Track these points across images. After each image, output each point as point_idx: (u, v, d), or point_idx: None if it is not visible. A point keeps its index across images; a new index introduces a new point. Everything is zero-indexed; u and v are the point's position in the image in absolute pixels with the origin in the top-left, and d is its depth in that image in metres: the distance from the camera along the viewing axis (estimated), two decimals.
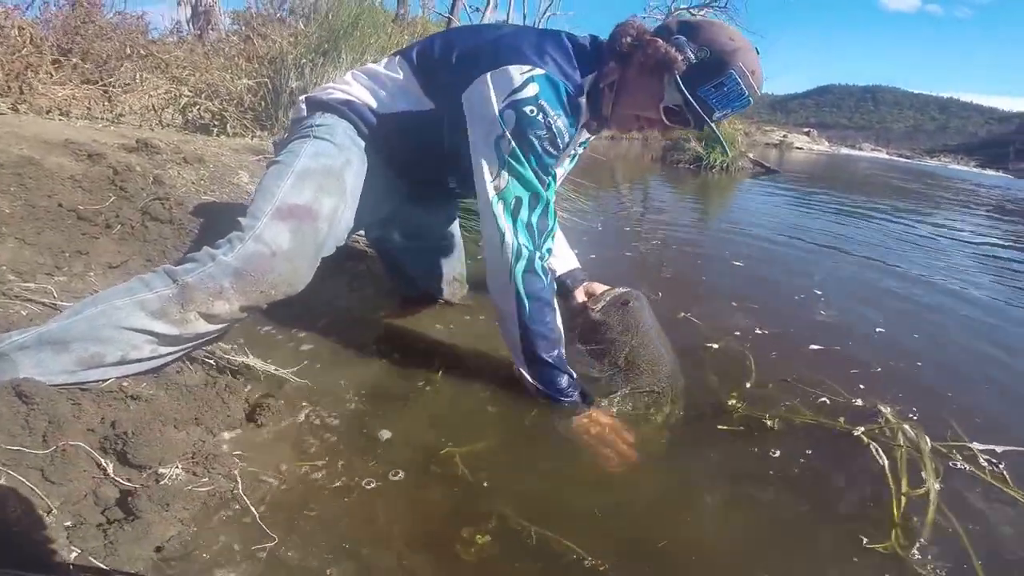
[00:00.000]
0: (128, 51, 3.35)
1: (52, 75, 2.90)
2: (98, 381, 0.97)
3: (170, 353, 1.05)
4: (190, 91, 2.94)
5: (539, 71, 1.12)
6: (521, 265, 1.17)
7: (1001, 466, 1.17)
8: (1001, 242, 4.25)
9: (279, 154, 1.24)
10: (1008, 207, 7.56)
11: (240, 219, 1.10)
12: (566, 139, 1.18)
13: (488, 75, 1.13)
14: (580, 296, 1.47)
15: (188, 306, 1.00)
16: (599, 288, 1.46)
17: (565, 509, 0.97)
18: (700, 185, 6.06)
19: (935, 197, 7.77)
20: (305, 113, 1.30)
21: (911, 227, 4.41)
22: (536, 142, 1.13)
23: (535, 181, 1.16)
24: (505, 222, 1.16)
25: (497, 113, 1.12)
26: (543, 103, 1.11)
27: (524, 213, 1.17)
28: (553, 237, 1.27)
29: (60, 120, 2.49)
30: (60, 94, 2.84)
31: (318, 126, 1.25)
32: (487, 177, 1.15)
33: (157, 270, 1.04)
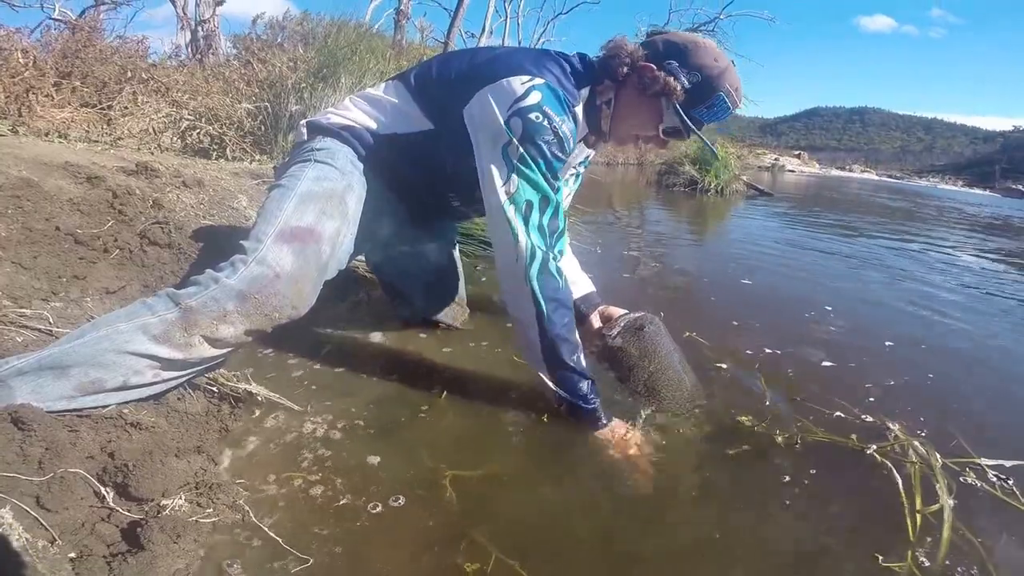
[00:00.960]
0: (129, 75, 3.38)
1: (52, 98, 2.91)
2: (97, 407, 0.95)
3: (173, 378, 1.03)
4: (191, 115, 2.95)
5: (539, 80, 1.15)
6: (536, 267, 1.16)
7: (1010, 482, 1.16)
8: (994, 256, 4.31)
9: (281, 178, 1.24)
10: (996, 224, 7.68)
11: (243, 242, 1.09)
12: (571, 144, 1.20)
13: (489, 88, 1.15)
14: (596, 321, 1.47)
15: (192, 330, 0.98)
16: (616, 312, 1.45)
17: (570, 538, 0.95)
18: (696, 208, 6.09)
19: (926, 216, 7.86)
20: (306, 137, 1.32)
21: (907, 244, 4.46)
22: (544, 147, 1.15)
23: (545, 184, 1.17)
24: (518, 224, 1.16)
25: (503, 122, 1.14)
26: (547, 109, 1.14)
27: (535, 216, 1.18)
28: (564, 238, 1.28)
29: (60, 143, 2.49)
30: (59, 117, 2.85)
31: (319, 150, 1.26)
32: (497, 183, 1.16)
33: (160, 293, 1.02)
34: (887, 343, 1.94)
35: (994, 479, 1.17)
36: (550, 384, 1.21)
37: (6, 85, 2.66)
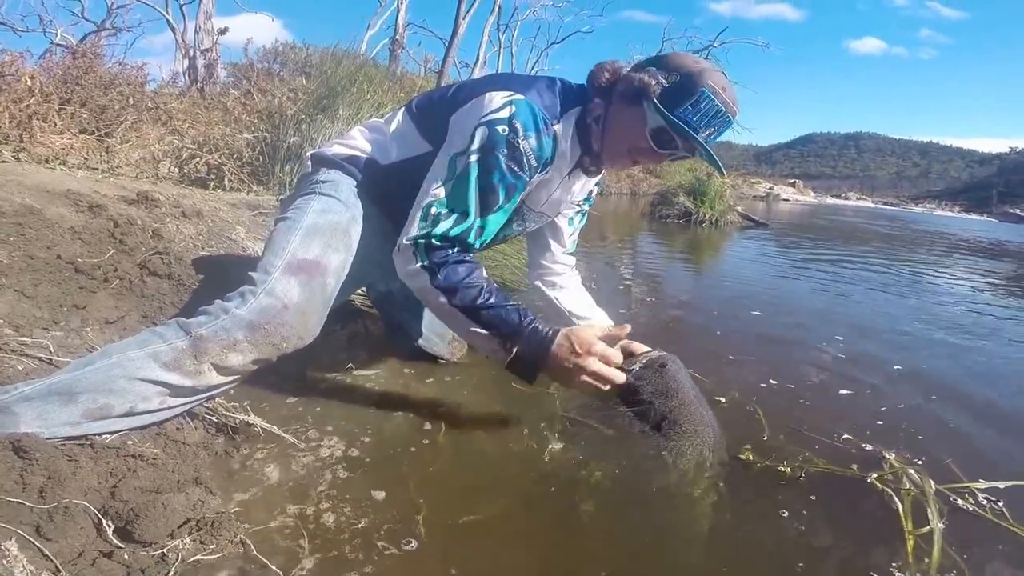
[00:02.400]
0: (130, 102, 3.43)
1: (55, 124, 2.95)
2: (102, 434, 0.96)
3: (178, 405, 1.05)
4: (192, 144, 3.00)
5: (519, 96, 1.17)
6: (423, 253, 1.16)
7: (1000, 503, 1.19)
8: (995, 283, 4.39)
9: (287, 211, 1.27)
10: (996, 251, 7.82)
11: (251, 273, 1.12)
12: (532, 163, 1.19)
13: (474, 99, 1.19)
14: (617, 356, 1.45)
15: (202, 358, 1.01)
16: (638, 348, 1.40)
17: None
18: (691, 240, 6.10)
19: (924, 243, 7.98)
20: (311, 169, 1.35)
21: (902, 272, 4.54)
22: (500, 159, 1.15)
23: (472, 202, 1.16)
24: (421, 224, 1.16)
25: (471, 129, 1.16)
26: (515, 123, 1.15)
27: (445, 223, 1.16)
28: (467, 251, 1.22)
29: (62, 170, 2.52)
30: (59, 143, 2.89)
31: (324, 182, 1.29)
32: (429, 185, 1.18)
33: (169, 322, 1.05)
34: (886, 371, 1.98)
35: (985, 502, 1.20)
36: (480, 335, 1.16)
37: (11, 111, 2.69)
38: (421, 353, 1.69)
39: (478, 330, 1.15)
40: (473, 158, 1.15)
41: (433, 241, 1.16)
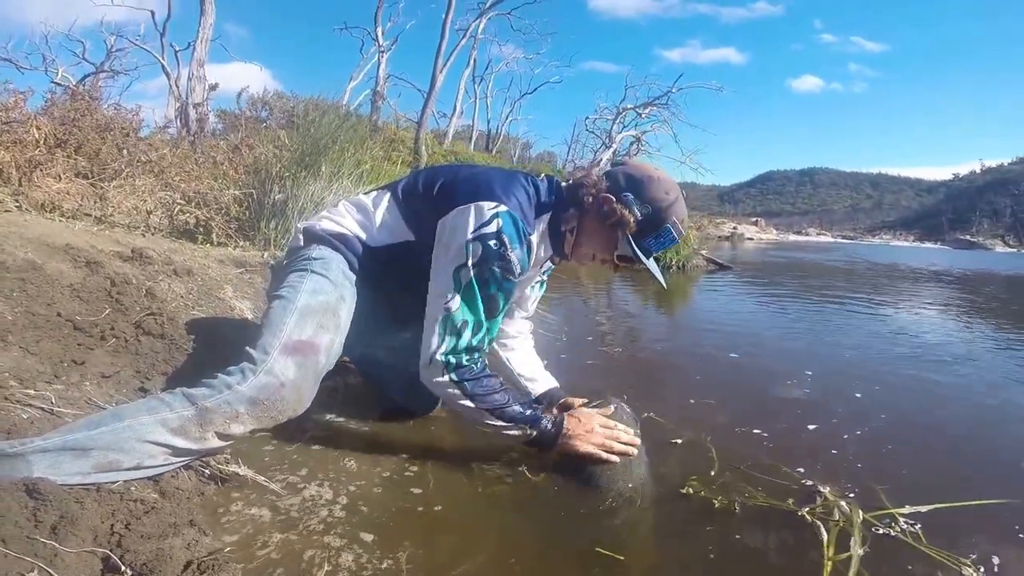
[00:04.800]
0: (124, 154, 3.51)
1: (57, 175, 3.02)
2: (108, 482, 1.06)
3: (179, 461, 1.17)
4: (182, 199, 3.12)
5: (503, 208, 1.33)
6: (452, 369, 1.35)
7: (918, 527, 1.32)
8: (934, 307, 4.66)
9: (281, 286, 1.40)
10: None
11: (251, 351, 1.25)
12: (518, 270, 1.37)
13: (463, 208, 1.34)
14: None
15: (207, 427, 1.14)
16: (576, 402, 1.59)
17: None
18: (658, 286, 6.28)
19: (882, 274, 8.37)
20: (302, 243, 1.48)
21: (855, 305, 4.79)
22: (497, 271, 1.33)
23: (482, 311, 1.35)
24: (446, 340, 1.34)
25: (465, 243, 1.32)
26: (504, 237, 1.32)
27: (467, 334, 1.35)
28: (483, 355, 1.42)
29: (60, 220, 2.61)
30: (54, 187, 2.96)
31: (315, 259, 1.42)
32: (442, 296, 1.34)
33: (175, 392, 1.17)
34: (846, 408, 2.13)
35: (905, 526, 1.32)
36: (498, 428, 1.39)
37: (17, 160, 2.77)
38: (402, 407, 1.77)
39: (495, 423, 1.39)
40: (474, 272, 1.32)
41: (462, 359, 1.35)
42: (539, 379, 1.73)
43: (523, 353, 1.82)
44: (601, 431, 1.41)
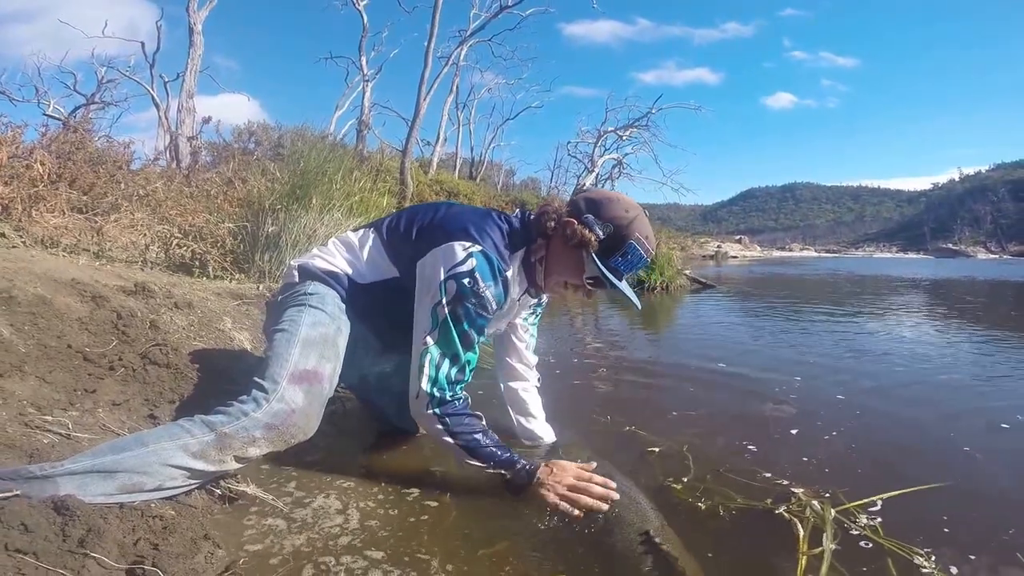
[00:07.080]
0: (123, 187, 3.57)
1: (62, 211, 3.08)
2: (130, 501, 1.14)
3: (197, 483, 1.26)
4: (179, 232, 3.20)
5: (477, 248, 1.41)
6: (436, 404, 1.43)
7: (877, 520, 1.43)
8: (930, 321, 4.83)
9: (280, 320, 1.50)
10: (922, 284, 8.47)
11: (261, 381, 1.35)
12: (494, 306, 1.45)
13: (438, 249, 1.43)
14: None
15: (226, 451, 1.24)
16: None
17: None
18: (643, 306, 6.38)
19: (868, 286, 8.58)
20: (297, 280, 1.59)
21: (841, 322, 4.93)
22: (471, 307, 1.41)
23: (458, 345, 1.43)
24: (428, 371, 1.42)
25: (440, 282, 1.41)
26: (477, 276, 1.39)
27: (446, 367, 1.43)
28: (463, 386, 1.49)
29: (64, 255, 2.69)
30: (52, 222, 3.03)
31: (311, 295, 1.53)
32: (423, 333, 1.44)
33: (194, 419, 1.26)
34: (828, 413, 2.25)
35: (866, 520, 1.43)
36: (476, 463, 1.44)
37: (21, 195, 2.84)
38: (398, 429, 1.86)
39: (474, 462, 1.45)
40: (447, 309, 1.40)
41: (445, 393, 1.42)
42: (541, 433, 1.81)
43: (530, 405, 1.87)
44: (572, 482, 1.42)
